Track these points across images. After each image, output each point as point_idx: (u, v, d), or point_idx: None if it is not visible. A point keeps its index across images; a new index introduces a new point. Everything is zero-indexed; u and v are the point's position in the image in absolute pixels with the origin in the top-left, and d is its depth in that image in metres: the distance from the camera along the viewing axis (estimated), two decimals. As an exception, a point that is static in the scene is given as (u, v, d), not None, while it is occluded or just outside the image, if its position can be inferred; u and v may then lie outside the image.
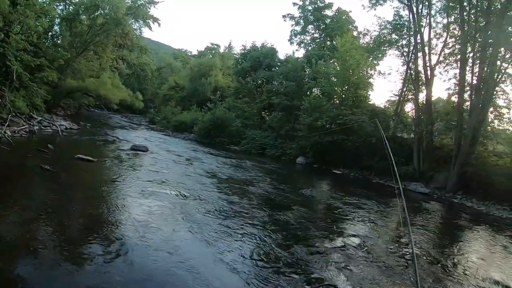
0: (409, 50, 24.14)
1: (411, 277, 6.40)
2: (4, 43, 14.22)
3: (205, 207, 9.16)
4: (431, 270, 6.98)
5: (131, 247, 5.86)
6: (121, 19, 28.54)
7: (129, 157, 15.16)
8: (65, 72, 27.07)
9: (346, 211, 11.45)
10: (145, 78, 59.90)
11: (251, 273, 5.72)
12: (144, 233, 6.58)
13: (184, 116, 37.41)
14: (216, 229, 7.55)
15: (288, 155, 25.84)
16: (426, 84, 22.02)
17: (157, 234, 6.64)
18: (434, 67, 21.76)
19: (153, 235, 6.57)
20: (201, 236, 6.99)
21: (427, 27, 22.39)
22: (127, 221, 7.08)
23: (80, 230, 6.49)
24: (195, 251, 6.30)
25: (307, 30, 38.78)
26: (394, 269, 6.70)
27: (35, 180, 9.70)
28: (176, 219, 7.78)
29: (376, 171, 21.05)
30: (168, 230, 6.99)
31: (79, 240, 5.91)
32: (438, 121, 21.44)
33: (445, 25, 22.25)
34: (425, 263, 7.33)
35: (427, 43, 22.12)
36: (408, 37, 24.20)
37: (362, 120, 22.21)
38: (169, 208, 8.52)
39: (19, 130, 15.82)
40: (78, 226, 6.70)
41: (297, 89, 29.07)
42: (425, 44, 22.08)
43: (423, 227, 10.57)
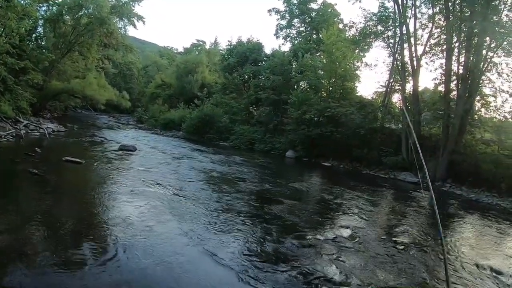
0: (395, 41, 24.09)
1: (402, 266, 6.43)
2: None
3: (196, 204, 9.14)
4: (424, 258, 6.99)
5: (122, 248, 5.82)
6: (106, 18, 28.20)
7: (117, 158, 15.07)
8: (50, 74, 26.82)
9: (336, 203, 11.48)
10: (131, 77, 59.44)
11: (243, 268, 5.70)
12: (135, 233, 6.55)
13: (172, 114, 37.20)
14: (207, 226, 7.55)
15: (277, 149, 25.79)
16: (412, 75, 22.00)
17: (148, 234, 6.62)
18: (420, 58, 21.74)
19: (144, 235, 6.55)
20: (193, 234, 6.96)
21: (412, 18, 22.36)
22: (117, 222, 7.03)
23: (70, 233, 6.44)
24: (187, 249, 6.28)
25: (293, 24, 38.61)
26: (386, 258, 6.73)
27: (24, 184, 9.67)
28: (167, 218, 7.77)
29: (365, 162, 21.16)
30: (159, 229, 6.97)
31: (70, 244, 5.88)
32: (426, 111, 21.55)
33: (430, 15, 22.26)
34: (417, 251, 7.35)
35: (413, 34, 22.10)
36: (393, 29, 24.17)
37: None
38: (160, 207, 8.50)
39: (6, 134, 15.71)
40: (69, 229, 6.62)
41: (284, 83, 28.99)
42: (411, 35, 22.08)
43: (412, 216, 10.65)
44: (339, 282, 5.58)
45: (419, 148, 4.86)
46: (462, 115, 17.97)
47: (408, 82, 22.91)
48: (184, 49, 69.10)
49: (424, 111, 21.51)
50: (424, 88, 24.02)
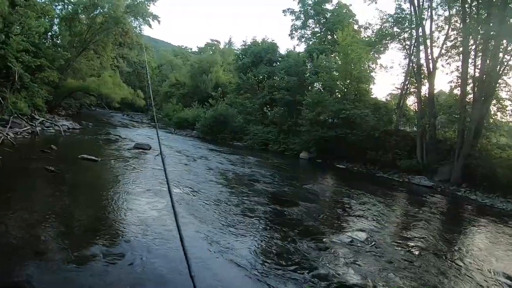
0: (411, 43, 24.04)
1: (418, 272, 6.44)
2: (5, 44, 14.21)
3: (211, 205, 9.21)
4: (437, 263, 6.99)
5: (137, 248, 5.90)
6: (121, 18, 28.36)
7: (132, 156, 15.15)
8: (66, 72, 27.02)
9: (351, 206, 11.51)
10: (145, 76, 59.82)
11: (259, 270, 5.74)
12: (150, 232, 6.62)
13: (186, 113, 37.38)
14: (222, 226, 7.60)
15: (291, 150, 25.84)
16: (428, 77, 21.94)
17: (164, 233, 6.66)
18: (436, 60, 21.67)
19: (159, 234, 6.60)
20: (208, 233, 7.03)
21: (428, 20, 22.36)
22: (132, 221, 7.13)
23: (85, 231, 6.50)
24: (202, 249, 6.31)
25: (308, 25, 38.54)
26: (402, 263, 6.74)
27: (40, 181, 9.69)
28: (183, 218, 7.70)
29: (380, 165, 21.15)
30: (174, 229, 6.91)
31: (85, 241, 5.92)
32: (441, 114, 21.39)
33: (446, 17, 22.14)
34: (431, 256, 7.35)
35: (429, 36, 22.09)
36: (410, 30, 24.03)
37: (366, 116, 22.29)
38: (176, 206, 8.45)
39: (22, 131, 15.74)
40: (84, 227, 6.70)
41: (299, 84, 28.95)
42: (427, 37, 22.06)
43: (426, 221, 10.61)
44: (356, 286, 5.60)
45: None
46: (478, 119, 17.94)
47: (424, 84, 22.77)
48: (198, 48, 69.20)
49: (440, 114, 21.37)
50: (439, 91, 23.95)
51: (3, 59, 14.68)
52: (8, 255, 5.10)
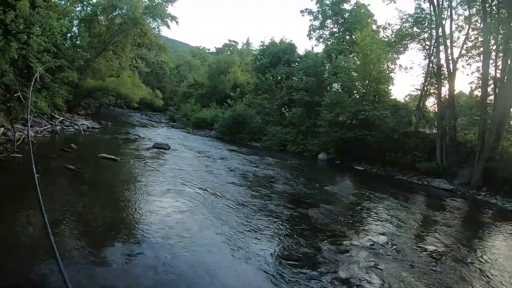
0: (431, 43, 23.86)
1: (439, 277, 6.43)
2: (26, 45, 14.56)
3: (230, 205, 9.27)
4: (458, 268, 6.96)
5: (157, 248, 5.96)
6: (139, 19, 28.80)
7: (152, 155, 15.31)
8: (85, 72, 27.45)
9: (371, 209, 11.52)
10: (164, 76, 60.48)
11: (278, 273, 5.77)
12: (169, 233, 6.69)
13: (204, 113, 37.71)
14: (241, 228, 7.65)
15: (309, 151, 25.90)
16: (448, 78, 21.75)
17: (183, 234, 6.75)
18: (457, 61, 21.48)
19: (179, 234, 6.67)
20: (227, 235, 7.09)
21: (448, 20, 22.16)
22: (152, 221, 7.20)
23: (105, 231, 6.56)
24: (221, 250, 6.39)
25: (326, 25, 38.44)
26: (423, 268, 6.72)
27: (60, 180, 9.72)
28: (201, 218, 7.91)
29: (399, 167, 21.02)
30: (193, 229, 7.11)
31: (104, 241, 6.03)
32: (461, 116, 21.13)
33: (466, 17, 21.90)
34: (452, 261, 7.32)
35: (449, 36, 21.88)
36: (429, 30, 23.85)
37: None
38: (194, 206, 8.63)
39: (42, 130, 15.97)
40: (103, 227, 6.75)
41: (317, 84, 28.99)
42: (447, 37, 21.86)
43: (447, 225, 10.57)
44: None
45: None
46: (499, 121, 17.74)
47: (444, 85, 22.56)
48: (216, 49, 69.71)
49: (460, 116, 21.13)
50: (459, 92, 23.69)
51: (24, 59, 15.02)
52: (27, 254, 5.19)
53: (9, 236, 5.76)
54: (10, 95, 14.35)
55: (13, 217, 6.45)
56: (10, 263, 4.88)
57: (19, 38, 13.53)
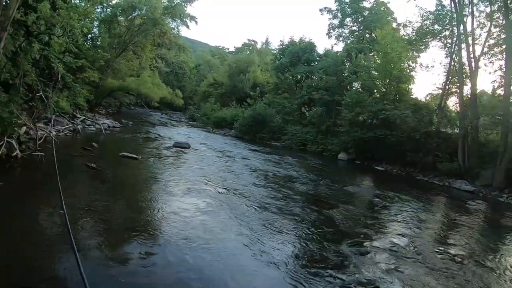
0: (452, 41, 23.59)
1: (460, 280, 6.40)
2: (47, 46, 14.93)
3: (250, 204, 9.41)
4: (480, 272, 6.90)
5: (177, 246, 6.07)
6: (159, 19, 29.19)
7: (172, 154, 15.57)
8: (106, 72, 27.94)
9: (391, 210, 11.51)
10: (183, 75, 61.06)
11: (298, 274, 5.81)
12: (190, 232, 6.80)
13: (224, 112, 38.02)
14: (261, 227, 7.74)
15: (329, 151, 25.88)
16: (470, 77, 21.42)
17: (203, 233, 6.85)
18: (479, 59, 21.12)
19: (199, 234, 6.78)
20: (247, 234, 7.19)
21: (469, 17, 21.73)
22: (173, 219, 7.33)
23: (126, 229, 6.66)
24: (240, 249, 6.50)
25: (345, 23, 38.21)
26: (444, 272, 6.68)
27: (82, 178, 10.03)
28: (222, 218, 8.02)
29: (420, 167, 20.81)
30: (213, 229, 7.21)
31: (125, 239, 6.10)
32: (484, 115, 20.73)
33: (488, 14, 21.55)
34: (474, 265, 7.26)
35: (470, 33, 21.53)
36: (450, 28, 23.58)
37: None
38: (214, 205, 8.79)
39: (64, 129, 16.29)
40: (124, 225, 6.88)
41: (338, 83, 28.89)
42: (468, 34, 21.50)
43: (468, 228, 10.46)
44: None
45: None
46: (523, 120, 17.46)
47: (466, 84, 22.21)
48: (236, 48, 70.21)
49: (482, 115, 20.72)
50: (481, 91, 23.29)
51: (46, 60, 15.41)
52: (48, 250, 5.35)
53: (32, 232, 6.00)
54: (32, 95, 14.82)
55: (36, 213, 6.74)
56: (32, 258, 5.08)
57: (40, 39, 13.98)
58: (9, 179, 8.58)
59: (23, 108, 13.94)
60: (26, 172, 9.72)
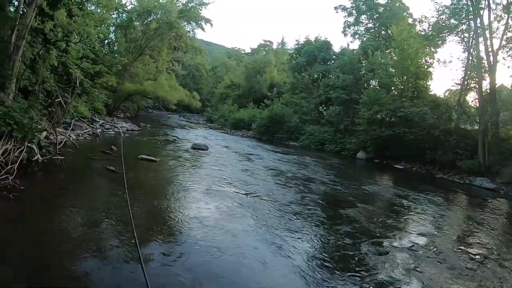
0: (469, 35, 23.33)
1: (481, 281, 6.37)
2: (65, 52, 15.31)
3: (269, 205, 9.49)
4: (501, 273, 6.83)
5: (195, 248, 6.16)
6: (174, 23, 29.78)
7: (190, 156, 15.78)
8: (123, 77, 28.63)
9: (410, 208, 11.42)
10: (200, 78, 61.72)
11: (316, 273, 5.86)
12: (208, 232, 6.90)
13: (242, 113, 38.33)
14: (280, 227, 7.82)
15: (348, 150, 25.86)
16: (489, 71, 21.02)
17: (221, 233, 6.96)
18: (497, 52, 20.76)
19: (217, 234, 6.88)
20: (265, 235, 7.29)
21: (486, 10, 21.30)
22: (191, 221, 7.43)
23: (145, 230, 6.74)
24: (259, 250, 6.55)
25: (360, 21, 38.20)
26: (464, 272, 6.65)
27: (101, 181, 10.28)
28: (240, 218, 8.12)
29: (439, 165, 20.62)
30: (232, 230, 7.27)
31: (144, 240, 6.16)
32: (504, 111, 20.36)
33: (505, 6, 21.08)
34: (495, 265, 7.19)
35: (488, 27, 21.13)
36: (467, 22, 23.35)
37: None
38: (233, 206, 8.91)
39: (83, 133, 16.70)
40: (143, 226, 6.92)
41: (355, 82, 28.79)
42: (486, 27, 21.13)
43: (489, 227, 10.34)
44: None
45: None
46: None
47: (485, 79, 21.83)
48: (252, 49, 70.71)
49: (502, 111, 20.33)
50: (501, 85, 22.93)
51: (64, 66, 15.80)
52: (69, 251, 5.48)
53: (53, 233, 6.23)
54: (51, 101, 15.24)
55: (56, 216, 6.99)
56: (54, 258, 5.24)
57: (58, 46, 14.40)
58: (31, 182, 8.80)
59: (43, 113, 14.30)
60: (47, 175, 10.01)
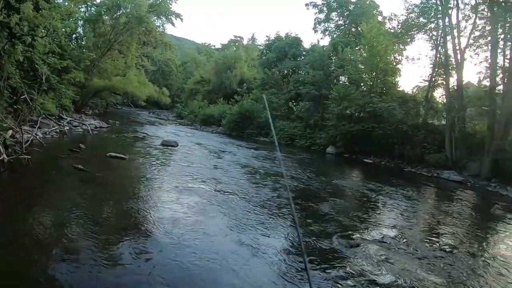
0: (437, 33, 23.65)
1: (451, 269, 6.37)
2: (31, 47, 14.63)
3: (239, 201, 9.30)
4: (470, 261, 6.88)
5: (166, 245, 5.99)
6: (144, 17, 29.08)
7: (160, 153, 15.43)
8: (92, 72, 27.69)
9: (380, 202, 11.42)
10: (170, 73, 60.93)
11: (288, 268, 5.75)
12: (178, 230, 6.69)
13: (212, 109, 37.93)
14: (251, 223, 7.65)
15: (317, 145, 25.87)
16: (456, 68, 21.42)
17: (191, 231, 6.75)
18: (464, 51, 21.10)
19: (187, 231, 6.68)
20: (236, 230, 7.13)
21: (455, 9, 21.74)
22: (161, 218, 7.24)
23: (115, 229, 6.53)
24: (230, 246, 6.40)
25: (331, 18, 38.36)
26: (434, 261, 6.64)
27: (69, 180, 9.77)
28: (210, 215, 7.92)
29: (407, 159, 20.87)
30: (202, 226, 7.09)
31: (114, 240, 6.00)
32: (470, 106, 20.88)
33: (473, 6, 21.50)
34: (464, 254, 7.25)
35: (456, 26, 21.55)
36: (436, 20, 23.67)
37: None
38: (203, 203, 8.64)
39: (50, 131, 16.10)
40: (113, 225, 6.77)
41: (324, 78, 28.74)
42: (454, 26, 21.55)
43: (457, 217, 10.48)
44: (389, 285, 5.53)
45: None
46: (509, 111, 17.50)
47: (452, 76, 22.24)
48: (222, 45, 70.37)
49: (469, 106, 20.85)
50: (467, 82, 23.39)
51: (30, 61, 15.09)
52: (37, 254, 5.24)
53: (19, 236, 5.85)
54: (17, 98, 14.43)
55: (23, 217, 6.52)
56: (21, 262, 4.91)
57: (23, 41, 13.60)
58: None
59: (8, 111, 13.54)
60: (13, 175, 9.48)
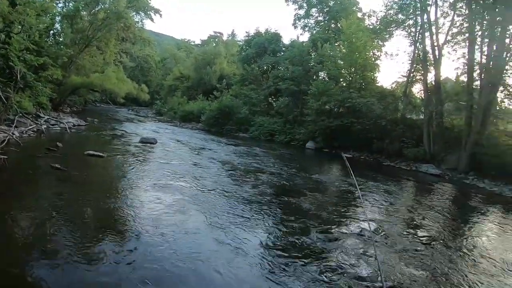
0: (416, 30, 23.84)
1: (430, 261, 6.38)
2: (6, 44, 14.17)
3: (218, 197, 9.21)
4: (448, 252, 6.93)
5: (146, 243, 5.89)
6: (122, 13, 28.51)
7: (138, 150, 15.19)
8: (69, 69, 27.06)
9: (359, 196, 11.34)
10: (149, 70, 60.32)
11: (268, 262, 5.71)
12: (157, 227, 6.60)
13: (191, 106, 37.67)
14: (230, 219, 7.58)
15: (297, 140, 25.89)
16: (434, 64, 21.71)
17: (171, 228, 6.66)
18: (442, 47, 21.37)
19: (167, 229, 6.60)
20: (215, 227, 7.04)
21: (433, 6, 21.89)
22: (141, 216, 7.10)
23: (93, 228, 6.45)
24: (210, 242, 6.30)
25: (311, 14, 38.27)
26: (413, 253, 6.68)
27: (46, 179, 9.59)
28: (190, 211, 7.80)
29: (386, 153, 21.08)
30: (182, 223, 7.01)
31: (93, 238, 5.91)
32: (448, 101, 21.19)
33: (451, 3, 21.72)
34: (442, 245, 7.30)
35: (434, 22, 21.74)
36: (414, 17, 23.84)
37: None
38: (182, 200, 8.52)
39: (27, 130, 15.73)
40: (91, 224, 6.65)
41: (304, 73, 28.87)
42: (432, 23, 21.73)
43: (435, 209, 10.56)
44: (368, 278, 5.48)
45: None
46: (485, 106, 17.75)
47: (430, 71, 22.55)
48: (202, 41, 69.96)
49: (446, 101, 21.15)
50: (445, 78, 23.73)
51: (5, 58, 14.63)
52: (15, 254, 5.13)
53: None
54: (-9, 96, 14.01)
55: (2, 218, 6.33)
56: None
57: (-2, 37, 13.19)
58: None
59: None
60: None
